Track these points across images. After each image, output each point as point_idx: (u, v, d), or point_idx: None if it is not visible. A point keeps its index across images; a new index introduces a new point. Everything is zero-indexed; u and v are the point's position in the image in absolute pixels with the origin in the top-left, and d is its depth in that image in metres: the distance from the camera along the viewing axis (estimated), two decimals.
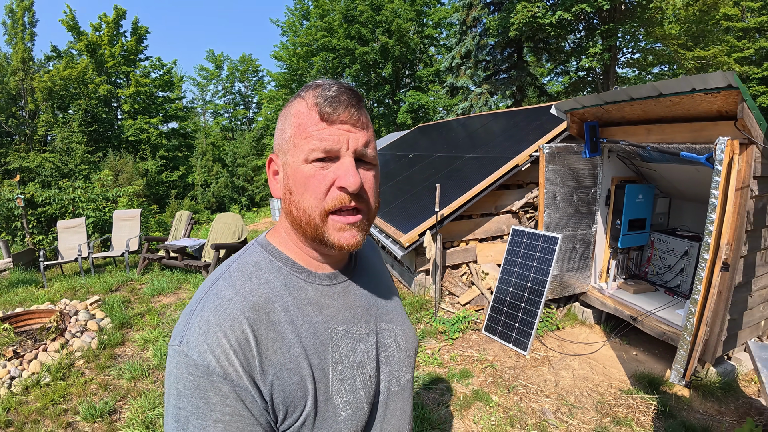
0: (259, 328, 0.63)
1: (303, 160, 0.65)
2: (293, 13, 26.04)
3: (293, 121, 0.67)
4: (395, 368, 0.81)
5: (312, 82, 0.69)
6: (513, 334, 3.81)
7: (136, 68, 24.43)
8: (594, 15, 11.89)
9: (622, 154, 4.14)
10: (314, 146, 0.64)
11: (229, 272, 0.69)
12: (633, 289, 4.21)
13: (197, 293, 0.68)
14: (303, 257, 0.74)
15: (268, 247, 0.74)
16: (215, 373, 0.58)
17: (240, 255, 0.74)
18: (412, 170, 7.50)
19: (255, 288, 0.67)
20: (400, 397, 0.82)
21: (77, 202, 8.95)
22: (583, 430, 2.73)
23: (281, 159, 0.70)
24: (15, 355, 3.54)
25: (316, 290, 0.72)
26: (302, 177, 0.66)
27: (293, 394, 0.64)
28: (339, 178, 0.65)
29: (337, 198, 0.65)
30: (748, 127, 2.73)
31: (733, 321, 3.53)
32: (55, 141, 21.08)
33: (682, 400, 3.09)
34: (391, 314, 0.85)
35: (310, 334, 0.68)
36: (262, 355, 0.62)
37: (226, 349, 0.59)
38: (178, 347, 0.61)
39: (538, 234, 3.93)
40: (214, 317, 0.61)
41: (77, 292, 5.60)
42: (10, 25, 22.47)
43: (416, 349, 0.89)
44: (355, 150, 0.66)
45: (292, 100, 0.70)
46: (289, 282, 0.70)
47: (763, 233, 3.40)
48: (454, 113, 15.11)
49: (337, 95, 0.65)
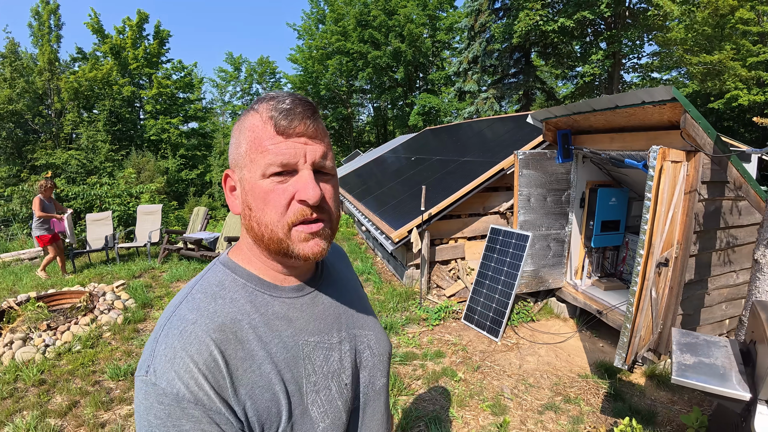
0: (226, 348, 0.63)
1: (260, 175, 0.65)
2: (309, 17, 26.69)
3: (248, 135, 0.66)
4: (370, 373, 0.82)
5: (265, 95, 0.69)
6: (487, 323, 4.19)
7: (158, 70, 25.42)
8: (599, 21, 12.10)
9: (595, 159, 4.48)
10: (271, 160, 0.64)
11: (191, 295, 0.68)
12: (604, 286, 4.55)
13: (160, 320, 0.67)
14: (268, 272, 0.73)
15: (230, 265, 0.73)
16: (185, 399, 0.58)
17: (202, 276, 0.73)
18: (412, 172, 7.92)
19: (220, 308, 0.67)
20: (377, 401, 0.83)
21: (104, 197, 9.67)
22: (534, 405, 3.10)
23: (238, 174, 0.69)
24: (48, 328, 4.08)
25: (283, 304, 0.72)
26: (261, 192, 0.66)
27: (267, 411, 0.64)
28: (299, 191, 0.65)
29: (298, 211, 0.65)
30: (692, 136, 3.05)
31: (688, 316, 3.83)
32: (81, 139, 22.12)
33: (636, 387, 3.39)
34: (362, 320, 0.85)
35: (280, 349, 0.68)
36: (232, 376, 0.62)
37: (195, 374, 0.59)
38: (145, 377, 0.60)
39: (511, 232, 4.30)
40: (179, 342, 0.61)
41: (104, 277, 6.20)
42: (36, 27, 23.60)
43: (390, 352, 0.90)
44: (313, 162, 0.66)
45: (245, 114, 0.70)
46: (255, 299, 0.70)
47: (718, 235, 3.70)
48: (461, 117, 15.44)
49: (291, 107, 0.65)
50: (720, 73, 12.16)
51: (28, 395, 3.24)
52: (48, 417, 2.96)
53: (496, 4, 13.78)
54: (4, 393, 3.23)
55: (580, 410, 3.02)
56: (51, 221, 6.19)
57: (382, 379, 0.85)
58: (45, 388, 3.31)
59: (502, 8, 13.88)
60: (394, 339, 4.09)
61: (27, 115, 23.06)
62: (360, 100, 29.76)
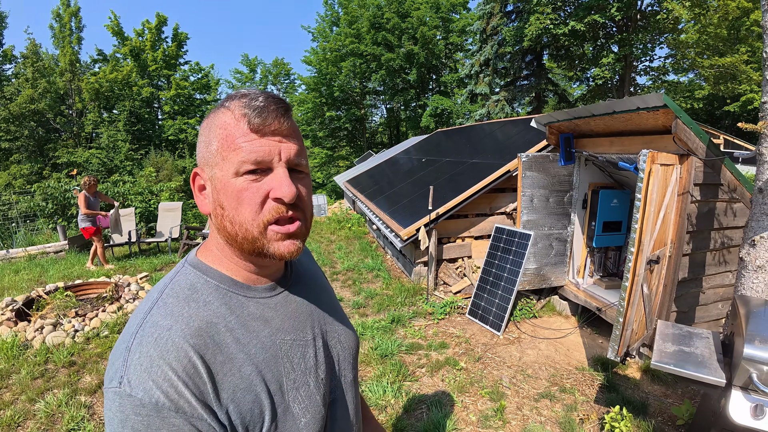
0: (205, 353, 0.62)
1: (233, 173, 0.64)
2: (324, 19, 27.07)
3: (219, 133, 0.65)
4: (342, 366, 0.84)
5: (235, 92, 0.68)
6: (490, 317, 4.37)
7: (176, 72, 26.05)
8: (611, 24, 12.14)
9: (596, 162, 4.63)
10: (244, 158, 0.63)
11: (162, 299, 0.66)
12: (605, 284, 4.69)
13: (128, 327, 0.65)
14: (240, 272, 0.72)
15: (201, 266, 0.72)
16: (165, 408, 0.57)
17: (171, 279, 0.70)
18: (423, 173, 8.12)
19: (194, 312, 0.65)
20: (350, 392, 0.86)
21: (126, 194, 10.11)
22: (531, 393, 3.28)
23: (208, 173, 0.68)
24: (77, 315, 4.39)
25: (258, 304, 0.72)
26: (234, 190, 0.65)
27: (250, 413, 0.64)
28: (273, 189, 0.64)
29: (274, 209, 0.65)
30: (683, 140, 3.20)
31: (683, 313, 3.97)
32: (101, 138, 22.85)
33: (631, 380, 3.55)
34: (332, 315, 0.87)
35: (258, 349, 0.68)
36: (213, 380, 0.61)
37: (174, 382, 0.58)
38: (118, 389, 0.58)
39: (514, 231, 4.48)
40: (156, 350, 0.59)
41: (127, 270, 6.53)
42: (57, 28, 24.41)
43: (357, 345, 0.91)
44: (288, 159, 0.66)
45: (214, 111, 0.69)
46: (229, 300, 0.69)
47: (713, 235, 3.84)
48: (473, 119, 15.59)
49: (265, 105, 0.64)
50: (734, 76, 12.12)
51: (59, 375, 3.51)
52: (78, 394, 3.24)
53: (507, 7, 13.91)
54: (35, 373, 3.50)
55: (574, 399, 3.19)
56: (97, 217, 6.54)
57: (353, 371, 0.88)
58: (75, 369, 3.60)
59: (513, 11, 14.01)
60: (401, 331, 4.30)
61: (49, 115, 23.87)
62: (373, 101, 30.06)
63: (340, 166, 28.41)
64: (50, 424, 2.92)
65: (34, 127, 23.30)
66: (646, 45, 11.39)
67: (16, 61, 25.01)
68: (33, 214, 10.74)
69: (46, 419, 2.95)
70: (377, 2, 23.20)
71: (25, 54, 24.10)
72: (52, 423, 2.93)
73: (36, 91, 22.62)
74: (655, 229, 3.10)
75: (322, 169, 28.43)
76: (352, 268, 6.53)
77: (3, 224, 9.39)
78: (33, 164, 23.33)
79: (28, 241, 8.90)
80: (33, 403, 3.13)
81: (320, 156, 28.05)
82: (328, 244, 8.33)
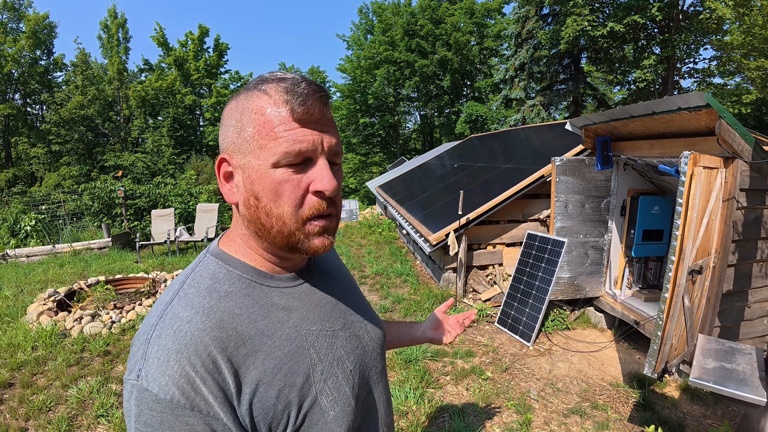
0: (227, 346, 0.60)
1: (272, 163, 0.61)
2: (358, 28, 27.47)
3: (255, 118, 0.61)
4: (371, 357, 0.81)
5: (270, 75, 0.64)
6: (520, 327, 4.23)
7: (217, 80, 27.12)
8: (652, 25, 11.63)
9: (635, 166, 4.41)
10: (288, 149, 0.60)
11: (183, 290, 0.64)
12: (645, 297, 4.44)
13: (149, 318, 0.63)
14: (263, 263, 0.70)
15: (223, 256, 0.69)
16: (180, 405, 0.55)
17: (192, 269, 0.68)
18: (455, 178, 8.03)
19: (216, 303, 0.63)
20: (381, 384, 0.83)
21: (167, 195, 10.60)
22: (560, 408, 3.13)
23: (239, 160, 0.64)
24: (115, 308, 4.59)
25: (281, 294, 0.70)
26: (272, 182, 0.61)
27: (273, 409, 0.61)
28: (315, 181, 0.62)
29: (314, 204, 0.63)
30: (728, 142, 3.00)
31: (727, 329, 3.69)
32: (146, 143, 24.08)
33: (668, 399, 3.33)
34: (358, 306, 0.84)
35: (283, 341, 0.66)
36: (235, 375, 0.59)
37: (192, 378, 0.56)
38: (136, 382, 0.56)
39: (547, 238, 4.32)
40: (174, 344, 0.57)
41: (165, 267, 6.80)
42: (105, 39, 25.98)
43: (384, 337, 0.89)
44: (329, 150, 0.64)
45: (246, 93, 0.64)
46: (252, 291, 0.67)
47: (760, 245, 3.56)
48: (507, 124, 15.31)
49: (309, 92, 0.61)
50: None
51: (93, 363, 3.66)
52: (110, 382, 3.37)
53: (543, 10, 13.60)
54: (70, 360, 3.67)
55: (606, 417, 3.02)
56: None
57: (382, 362, 0.85)
58: (109, 358, 3.75)
59: (549, 14, 13.68)
60: None
61: (98, 120, 25.41)
62: (407, 108, 30.15)
63: (373, 172, 28.58)
64: (80, 409, 3.05)
65: (83, 132, 24.85)
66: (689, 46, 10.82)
67: (66, 69, 26.83)
68: (80, 212, 11.39)
69: (77, 404, 3.08)
70: (411, 9, 23.31)
71: (75, 62, 25.79)
72: (82, 408, 3.06)
73: (86, 98, 24.14)
74: (697, 237, 2.91)
75: (356, 175, 28.70)
76: (381, 272, 6.50)
77: (51, 222, 10.01)
78: (82, 166, 24.86)
79: (74, 238, 9.41)
80: (66, 389, 3.28)
81: (353, 162, 28.33)
82: (358, 248, 8.36)
